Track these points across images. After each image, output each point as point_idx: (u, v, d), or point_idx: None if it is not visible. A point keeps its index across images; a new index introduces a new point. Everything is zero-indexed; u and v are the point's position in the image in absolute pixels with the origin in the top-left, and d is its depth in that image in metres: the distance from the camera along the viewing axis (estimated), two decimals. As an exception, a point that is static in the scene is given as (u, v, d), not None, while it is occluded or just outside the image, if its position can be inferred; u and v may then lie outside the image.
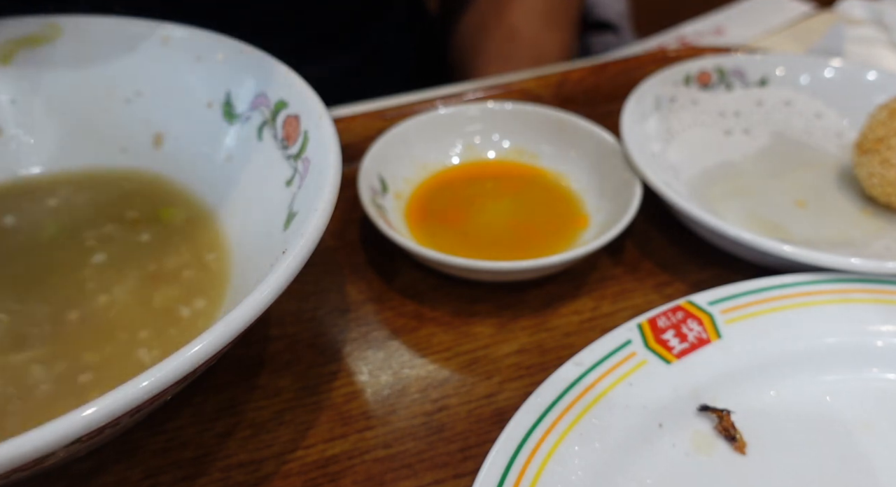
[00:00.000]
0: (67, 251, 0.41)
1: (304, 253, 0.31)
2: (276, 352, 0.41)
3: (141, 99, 0.46)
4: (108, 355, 0.36)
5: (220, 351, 0.28)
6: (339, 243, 0.47)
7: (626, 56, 0.64)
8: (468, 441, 0.37)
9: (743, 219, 0.47)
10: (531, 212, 0.48)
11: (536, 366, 0.40)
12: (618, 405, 0.35)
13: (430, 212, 0.48)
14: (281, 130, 0.41)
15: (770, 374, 0.37)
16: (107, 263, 0.40)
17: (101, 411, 0.25)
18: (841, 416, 0.37)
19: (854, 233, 0.47)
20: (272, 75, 0.42)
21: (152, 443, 0.36)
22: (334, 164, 0.36)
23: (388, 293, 0.44)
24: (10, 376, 0.34)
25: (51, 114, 0.46)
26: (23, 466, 0.25)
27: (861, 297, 0.40)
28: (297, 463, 0.36)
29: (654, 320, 0.38)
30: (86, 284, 0.39)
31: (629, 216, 0.43)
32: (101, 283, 0.39)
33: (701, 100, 0.55)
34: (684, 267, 0.46)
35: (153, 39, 0.45)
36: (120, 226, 0.43)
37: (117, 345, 0.36)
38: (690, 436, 0.35)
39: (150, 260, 0.41)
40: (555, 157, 0.52)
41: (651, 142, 0.50)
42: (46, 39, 0.45)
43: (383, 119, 0.54)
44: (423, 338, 0.42)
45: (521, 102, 0.53)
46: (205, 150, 0.44)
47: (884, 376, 0.38)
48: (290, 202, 0.38)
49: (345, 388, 0.39)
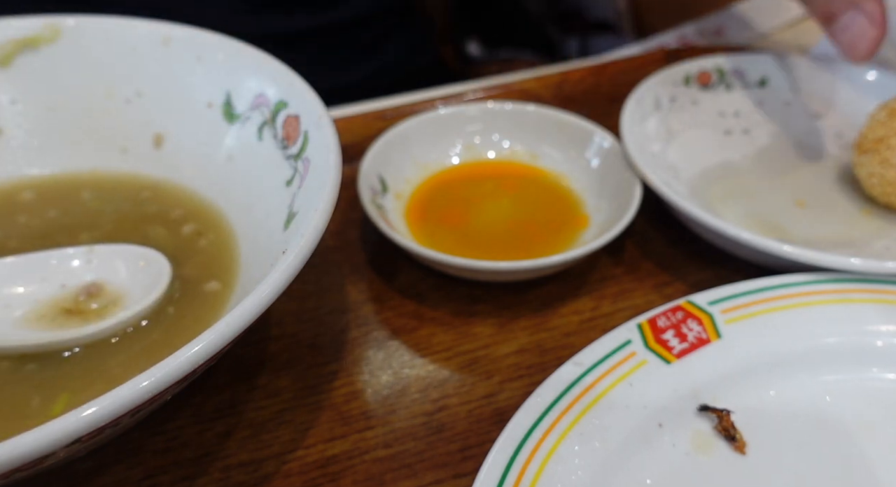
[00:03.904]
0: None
1: (304, 252, 0.31)
2: (276, 352, 0.41)
3: (141, 99, 0.46)
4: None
5: (220, 351, 0.28)
6: (339, 243, 0.47)
7: (626, 56, 0.64)
8: (468, 441, 0.37)
9: (743, 218, 0.47)
10: (531, 212, 0.48)
11: (536, 366, 0.40)
12: (618, 405, 0.35)
13: (430, 212, 0.48)
14: (281, 130, 0.41)
15: (770, 374, 0.37)
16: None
17: (101, 411, 0.25)
18: (841, 416, 0.36)
19: (854, 233, 0.47)
20: (272, 75, 0.42)
21: (152, 443, 0.36)
22: (334, 164, 0.36)
23: (388, 293, 0.44)
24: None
25: (51, 114, 0.46)
26: (23, 466, 0.25)
27: (861, 297, 0.40)
28: (297, 463, 0.36)
29: (654, 320, 0.38)
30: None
31: (629, 216, 0.43)
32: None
33: (701, 100, 0.55)
34: (684, 267, 0.46)
35: (153, 39, 0.45)
36: (120, 227, 0.43)
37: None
38: (690, 436, 0.35)
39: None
40: (555, 157, 0.52)
41: (651, 142, 0.50)
42: (46, 40, 0.45)
43: (383, 119, 0.54)
44: (423, 338, 0.42)
45: (521, 102, 0.53)
46: (205, 151, 0.44)
47: (884, 376, 0.38)
48: (290, 202, 0.38)
49: (345, 388, 0.39)
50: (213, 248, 0.41)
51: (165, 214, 0.43)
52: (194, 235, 0.42)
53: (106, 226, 0.43)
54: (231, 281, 0.39)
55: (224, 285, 0.39)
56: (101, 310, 0.37)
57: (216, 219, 0.43)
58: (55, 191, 0.45)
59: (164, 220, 0.43)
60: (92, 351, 0.36)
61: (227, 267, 0.40)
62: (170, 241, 0.42)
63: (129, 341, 0.36)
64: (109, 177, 0.46)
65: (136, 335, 0.37)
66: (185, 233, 0.42)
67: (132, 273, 0.39)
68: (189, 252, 0.41)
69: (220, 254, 0.41)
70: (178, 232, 0.42)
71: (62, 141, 0.46)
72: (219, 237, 0.42)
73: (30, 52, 0.45)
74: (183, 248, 0.41)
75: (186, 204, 0.44)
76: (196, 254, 0.41)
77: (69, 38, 0.45)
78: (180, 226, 0.43)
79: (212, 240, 0.42)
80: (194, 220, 0.43)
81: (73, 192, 0.45)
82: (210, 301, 0.38)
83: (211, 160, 0.44)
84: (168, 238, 0.42)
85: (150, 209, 0.44)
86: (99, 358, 0.35)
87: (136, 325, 0.37)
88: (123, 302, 0.38)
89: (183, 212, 0.43)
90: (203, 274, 0.40)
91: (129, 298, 0.38)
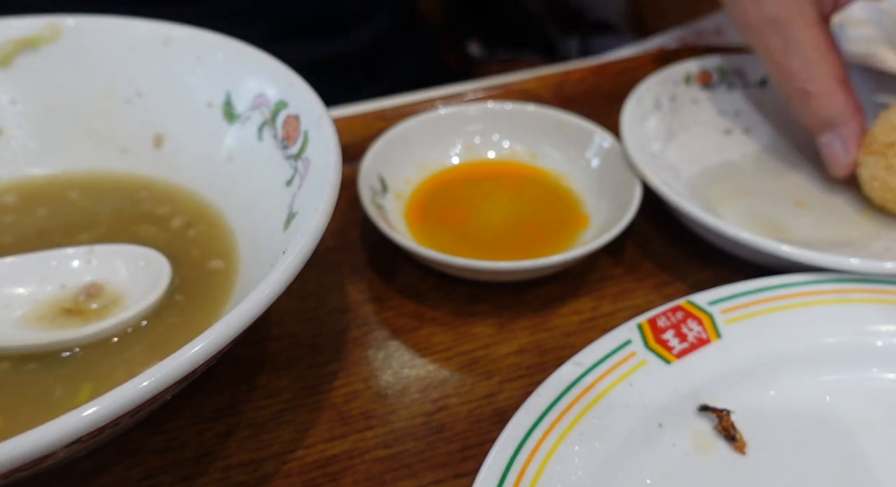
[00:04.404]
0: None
1: (304, 253, 0.31)
2: (276, 352, 0.41)
3: (141, 99, 0.46)
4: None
5: (220, 351, 0.28)
6: (339, 243, 0.47)
7: (626, 56, 0.64)
8: (468, 441, 0.37)
9: (743, 218, 0.47)
10: (531, 212, 0.48)
11: (536, 366, 0.40)
12: (618, 405, 0.35)
13: (430, 212, 0.48)
14: (281, 130, 0.41)
15: (770, 374, 0.37)
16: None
17: (101, 411, 0.25)
18: (841, 416, 0.36)
19: (854, 234, 0.47)
20: (272, 75, 0.42)
21: (152, 443, 0.36)
22: (334, 164, 0.36)
23: (388, 293, 0.44)
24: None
25: (51, 114, 0.46)
26: (23, 466, 0.25)
27: (861, 297, 0.40)
28: (297, 463, 0.36)
29: (654, 320, 0.38)
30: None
31: (629, 216, 0.43)
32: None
33: (701, 100, 0.55)
34: (684, 267, 0.46)
35: (153, 39, 0.45)
36: (120, 228, 0.43)
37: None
38: (690, 436, 0.35)
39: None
40: (555, 157, 0.52)
41: (651, 142, 0.50)
42: (46, 40, 0.45)
43: (383, 119, 0.54)
44: (423, 338, 0.42)
45: (521, 102, 0.53)
46: (205, 151, 0.44)
47: (884, 376, 0.38)
48: (290, 202, 0.38)
49: (345, 388, 0.39)
50: (214, 248, 0.41)
51: (164, 214, 0.43)
52: (192, 234, 0.42)
53: (105, 226, 0.43)
54: (231, 281, 0.39)
55: (223, 285, 0.39)
56: (101, 310, 0.37)
57: (216, 219, 0.43)
58: (54, 191, 0.45)
59: (164, 220, 0.43)
60: (92, 351, 0.36)
61: (227, 268, 0.40)
62: (168, 241, 0.42)
63: (130, 341, 0.36)
64: (109, 177, 0.46)
65: (136, 335, 0.37)
66: (185, 232, 0.42)
67: (132, 273, 0.39)
68: (188, 252, 0.41)
69: (220, 255, 0.41)
70: (177, 231, 0.42)
71: (62, 141, 0.46)
72: (218, 237, 0.42)
73: (30, 52, 0.45)
74: (182, 248, 0.41)
75: (186, 204, 0.44)
76: (196, 259, 0.41)
77: (69, 38, 0.45)
78: (179, 225, 0.43)
79: (211, 239, 0.42)
80: (194, 220, 0.43)
81: (70, 192, 0.45)
82: (210, 301, 0.38)
83: (211, 160, 0.44)
84: (167, 238, 0.42)
85: (148, 209, 0.44)
86: (99, 358, 0.35)
87: (135, 325, 0.37)
88: (123, 302, 0.38)
89: (182, 211, 0.43)
90: (201, 273, 0.40)
91: (129, 298, 0.38)
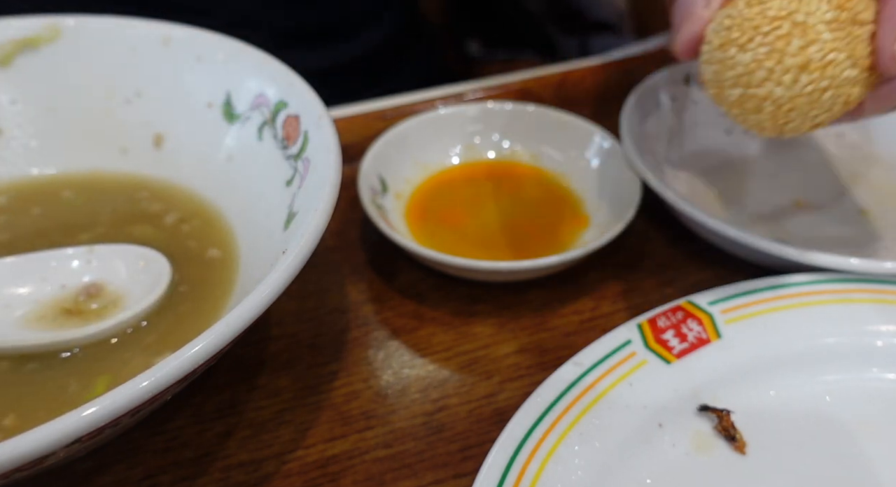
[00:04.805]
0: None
1: (304, 253, 0.31)
2: (276, 352, 0.41)
3: (141, 99, 0.46)
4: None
5: (220, 351, 0.28)
6: (339, 243, 0.47)
7: (626, 56, 0.64)
8: (468, 441, 0.37)
9: (743, 219, 0.47)
10: (531, 212, 0.48)
11: (536, 366, 0.40)
12: (618, 405, 0.35)
13: (430, 212, 0.48)
14: (281, 130, 0.41)
15: (770, 374, 0.37)
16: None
17: (101, 411, 0.25)
18: (841, 416, 0.36)
19: (854, 233, 0.47)
20: (272, 75, 0.42)
21: (152, 443, 0.36)
22: (334, 164, 0.36)
23: (388, 293, 0.44)
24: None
25: (51, 114, 0.46)
26: (23, 466, 0.25)
27: (861, 297, 0.40)
28: (297, 463, 0.36)
29: (654, 320, 0.38)
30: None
31: (629, 216, 0.43)
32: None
33: (701, 100, 0.55)
34: (684, 267, 0.46)
35: (153, 39, 0.45)
36: (119, 228, 0.43)
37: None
38: (690, 436, 0.35)
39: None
40: (555, 157, 0.52)
41: (651, 142, 0.50)
42: (46, 40, 0.45)
43: (383, 119, 0.54)
44: (423, 338, 0.42)
45: (521, 102, 0.53)
46: (205, 151, 0.44)
47: (884, 376, 0.38)
48: (290, 202, 0.38)
49: (345, 388, 0.39)
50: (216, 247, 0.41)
51: (164, 214, 0.43)
52: (187, 228, 0.42)
53: (105, 226, 0.43)
54: (230, 280, 0.39)
55: (223, 284, 0.39)
56: (101, 311, 0.37)
57: (216, 219, 0.43)
58: (53, 191, 0.45)
59: (163, 220, 0.43)
60: (92, 351, 0.36)
61: (225, 257, 0.40)
62: (167, 240, 0.42)
63: (130, 342, 0.36)
64: (109, 177, 0.46)
65: (136, 335, 0.37)
66: (180, 227, 0.42)
67: (132, 273, 0.39)
68: (188, 252, 0.41)
69: (217, 244, 0.41)
70: (173, 228, 0.42)
71: (62, 141, 0.46)
72: (216, 229, 0.42)
73: (30, 52, 0.45)
74: (180, 244, 0.41)
75: (186, 203, 0.44)
76: (195, 255, 0.41)
77: (69, 38, 0.45)
78: (174, 221, 0.43)
79: (207, 232, 0.42)
80: (188, 216, 0.43)
81: (70, 192, 0.45)
82: (209, 301, 0.38)
83: (211, 160, 0.44)
84: (165, 237, 0.42)
85: (148, 209, 0.44)
86: (98, 358, 0.35)
87: (135, 326, 0.37)
88: (123, 302, 0.38)
89: (178, 208, 0.43)
90: (200, 264, 0.40)
91: (129, 299, 0.38)
